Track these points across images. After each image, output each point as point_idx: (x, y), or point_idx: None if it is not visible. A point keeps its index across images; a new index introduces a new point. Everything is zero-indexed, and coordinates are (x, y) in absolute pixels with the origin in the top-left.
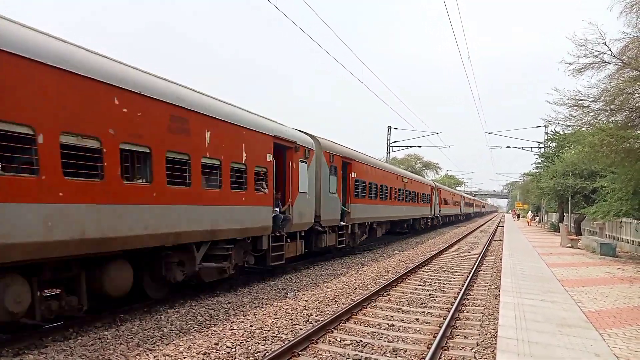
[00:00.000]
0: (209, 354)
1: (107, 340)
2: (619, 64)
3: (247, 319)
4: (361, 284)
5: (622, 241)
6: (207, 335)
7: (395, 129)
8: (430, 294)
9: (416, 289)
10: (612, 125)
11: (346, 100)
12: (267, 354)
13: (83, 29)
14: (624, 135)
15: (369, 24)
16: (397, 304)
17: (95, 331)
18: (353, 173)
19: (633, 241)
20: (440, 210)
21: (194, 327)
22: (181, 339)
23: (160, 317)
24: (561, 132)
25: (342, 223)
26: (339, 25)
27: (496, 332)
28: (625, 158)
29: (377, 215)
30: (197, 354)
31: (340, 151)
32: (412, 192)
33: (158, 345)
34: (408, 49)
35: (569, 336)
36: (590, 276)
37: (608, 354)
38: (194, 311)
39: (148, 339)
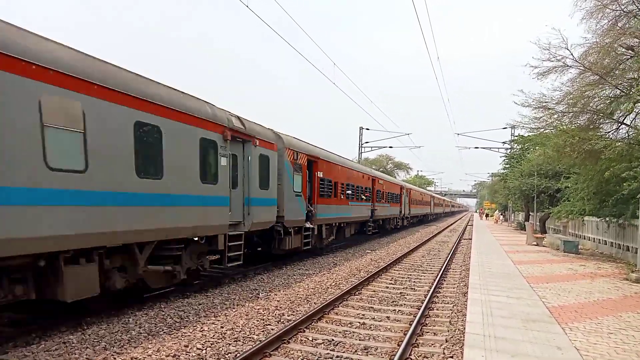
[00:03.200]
0: (179, 356)
1: (73, 345)
2: (581, 68)
3: (218, 320)
4: (333, 283)
5: (584, 239)
6: (177, 338)
7: (367, 129)
8: (401, 292)
9: (387, 287)
10: (574, 127)
11: (320, 100)
12: (238, 354)
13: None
14: (585, 136)
15: (341, 24)
16: (368, 303)
17: (60, 335)
18: (410, 194)
19: (594, 238)
20: (433, 209)
21: (163, 330)
22: (150, 342)
23: (129, 320)
24: (525, 135)
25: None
26: (315, 29)
27: (464, 328)
28: (586, 158)
29: (416, 213)
30: (167, 356)
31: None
32: (424, 200)
33: (126, 349)
34: (379, 49)
35: (534, 331)
36: (554, 273)
37: (569, 347)
38: (163, 313)
39: (115, 343)
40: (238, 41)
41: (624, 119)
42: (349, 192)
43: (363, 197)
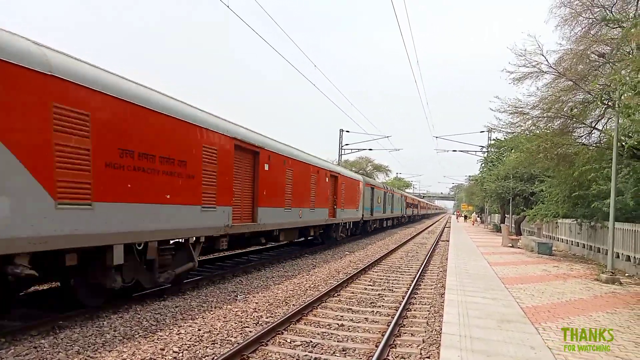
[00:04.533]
0: (155, 359)
1: (44, 349)
2: (555, 73)
3: (195, 323)
4: (312, 285)
5: (558, 240)
6: (153, 341)
7: (347, 131)
8: (379, 294)
9: (366, 289)
10: (549, 131)
11: (300, 103)
12: (216, 357)
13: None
14: (558, 141)
15: (341, 24)
16: (347, 304)
17: (31, 340)
18: (420, 204)
19: (567, 240)
20: (427, 211)
21: (139, 333)
22: (125, 345)
23: (103, 324)
24: (502, 139)
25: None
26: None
27: (441, 329)
28: (560, 163)
29: (422, 213)
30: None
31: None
32: (424, 206)
33: (100, 352)
34: (379, 49)
35: (508, 331)
36: (528, 274)
37: (542, 346)
38: (139, 316)
39: (89, 346)
40: (236, 44)
41: (595, 124)
42: (411, 204)
43: (412, 206)
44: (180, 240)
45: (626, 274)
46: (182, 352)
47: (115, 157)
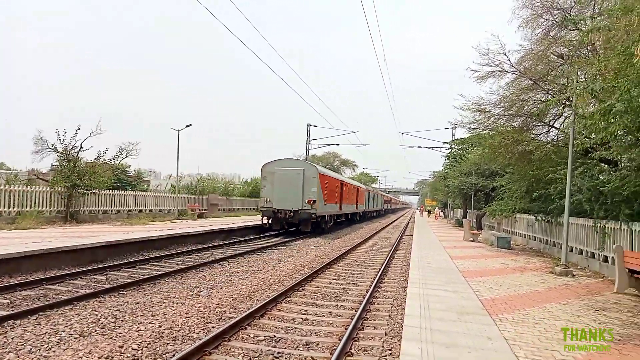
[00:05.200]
0: (112, 357)
1: None
2: (517, 73)
3: (156, 320)
4: (277, 280)
5: (516, 235)
6: (111, 338)
7: (315, 126)
8: (343, 288)
9: (330, 283)
10: (510, 129)
11: (300, 103)
12: (177, 354)
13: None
14: (519, 138)
15: (341, 24)
16: (311, 299)
17: None
18: (391, 200)
19: (525, 235)
20: (388, 205)
21: (96, 330)
22: (81, 344)
23: (58, 321)
24: (464, 137)
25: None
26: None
27: (403, 321)
28: (519, 159)
29: (392, 207)
30: (99, 358)
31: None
32: (394, 202)
33: (54, 351)
34: (361, 49)
35: (467, 323)
36: (487, 267)
37: (498, 337)
38: (96, 313)
39: (42, 345)
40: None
41: (554, 123)
42: (386, 201)
43: (387, 202)
44: (330, 215)
45: (578, 267)
46: (142, 349)
47: (333, 192)
